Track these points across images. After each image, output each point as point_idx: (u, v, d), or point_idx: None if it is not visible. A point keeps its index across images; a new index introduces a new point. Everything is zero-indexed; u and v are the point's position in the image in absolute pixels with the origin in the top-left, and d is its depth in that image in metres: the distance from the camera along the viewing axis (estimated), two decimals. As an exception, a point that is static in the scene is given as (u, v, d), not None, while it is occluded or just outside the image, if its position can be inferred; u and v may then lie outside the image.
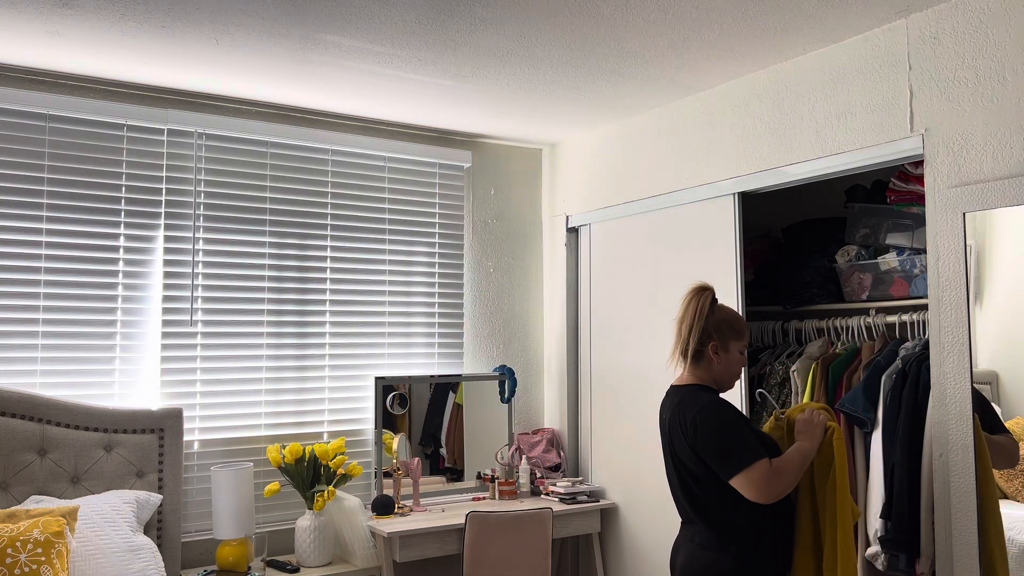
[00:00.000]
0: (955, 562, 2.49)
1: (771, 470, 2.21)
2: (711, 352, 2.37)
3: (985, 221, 2.50)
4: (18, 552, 2.55)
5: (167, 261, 3.52)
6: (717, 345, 2.37)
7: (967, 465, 2.47)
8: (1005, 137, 2.46)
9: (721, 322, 2.39)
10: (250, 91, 3.54)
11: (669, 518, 3.69)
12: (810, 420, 2.35)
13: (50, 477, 3.06)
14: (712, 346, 2.37)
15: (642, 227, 3.92)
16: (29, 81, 3.29)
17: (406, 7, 2.67)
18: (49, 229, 3.30)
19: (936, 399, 2.58)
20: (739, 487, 2.22)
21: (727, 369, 2.40)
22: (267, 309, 3.73)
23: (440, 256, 4.23)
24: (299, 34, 2.89)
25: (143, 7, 2.66)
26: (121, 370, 3.42)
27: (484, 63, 3.19)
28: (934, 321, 2.60)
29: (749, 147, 3.32)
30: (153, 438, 3.29)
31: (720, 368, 2.39)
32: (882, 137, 2.82)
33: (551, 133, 4.28)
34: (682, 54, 3.09)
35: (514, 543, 3.47)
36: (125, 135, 3.46)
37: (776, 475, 2.21)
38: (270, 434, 3.70)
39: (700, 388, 2.39)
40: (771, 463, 2.22)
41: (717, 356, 2.38)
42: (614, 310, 4.09)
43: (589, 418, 4.23)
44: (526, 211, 4.54)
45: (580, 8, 2.68)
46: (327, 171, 3.92)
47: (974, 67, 2.55)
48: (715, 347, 2.37)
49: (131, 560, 2.87)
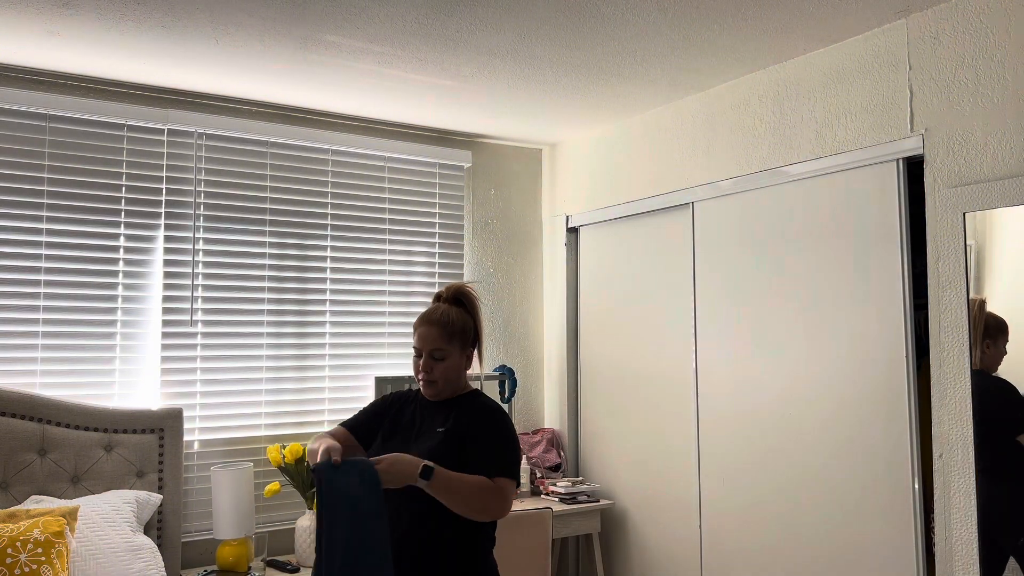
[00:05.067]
0: (955, 562, 2.49)
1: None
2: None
3: (985, 221, 2.50)
4: (18, 552, 2.55)
5: (167, 261, 3.52)
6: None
7: (967, 465, 2.47)
8: (1005, 137, 2.46)
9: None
10: (250, 91, 3.54)
11: (669, 518, 3.70)
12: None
13: (50, 477, 3.06)
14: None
15: (642, 227, 3.92)
16: (29, 81, 3.29)
17: (406, 7, 2.67)
18: (49, 229, 3.30)
19: (936, 399, 2.59)
20: None
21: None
22: (267, 309, 3.74)
23: (440, 256, 4.23)
24: (299, 34, 2.89)
25: (143, 7, 2.66)
26: (121, 370, 3.42)
27: (484, 63, 3.19)
28: (934, 321, 2.60)
29: (749, 147, 3.33)
30: (153, 438, 3.29)
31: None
32: (882, 137, 2.82)
33: (551, 133, 4.28)
34: (682, 54, 3.10)
35: (514, 543, 3.47)
36: (125, 135, 3.46)
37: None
38: (270, 434, 3.70)
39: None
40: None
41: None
42: (614, 310, 4.09)
43: (589, 418, 4.23)
44: (526, 211, 4.54)
45: (580, 8, 2.68)
46: (327, 171, 3.92)
47: (974, 67, 2.56)
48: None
49: (131, 560, 2.87)
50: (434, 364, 2.18)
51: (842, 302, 2.96)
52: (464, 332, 2.22)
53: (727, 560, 3.37)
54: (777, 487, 3.16)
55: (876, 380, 2.83)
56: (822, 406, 3.01)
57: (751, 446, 3.28)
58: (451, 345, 2.19)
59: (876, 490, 2.80)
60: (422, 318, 2.22)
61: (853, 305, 2.92)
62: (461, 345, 2.22)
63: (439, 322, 2.19)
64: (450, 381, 2.21)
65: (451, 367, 2.19)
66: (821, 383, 3.02)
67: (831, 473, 2.96)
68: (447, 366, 2.19)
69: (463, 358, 2.23)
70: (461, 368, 2.22)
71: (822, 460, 3.00)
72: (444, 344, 2.18)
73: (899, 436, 2.75)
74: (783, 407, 3.16)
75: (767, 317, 3.24)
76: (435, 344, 2.18)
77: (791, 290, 3.15)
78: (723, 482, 3.40)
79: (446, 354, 2.19)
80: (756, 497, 3.25)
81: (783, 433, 3.15)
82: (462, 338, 2.22)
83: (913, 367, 2.74)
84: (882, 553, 2.77)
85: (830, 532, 2.95)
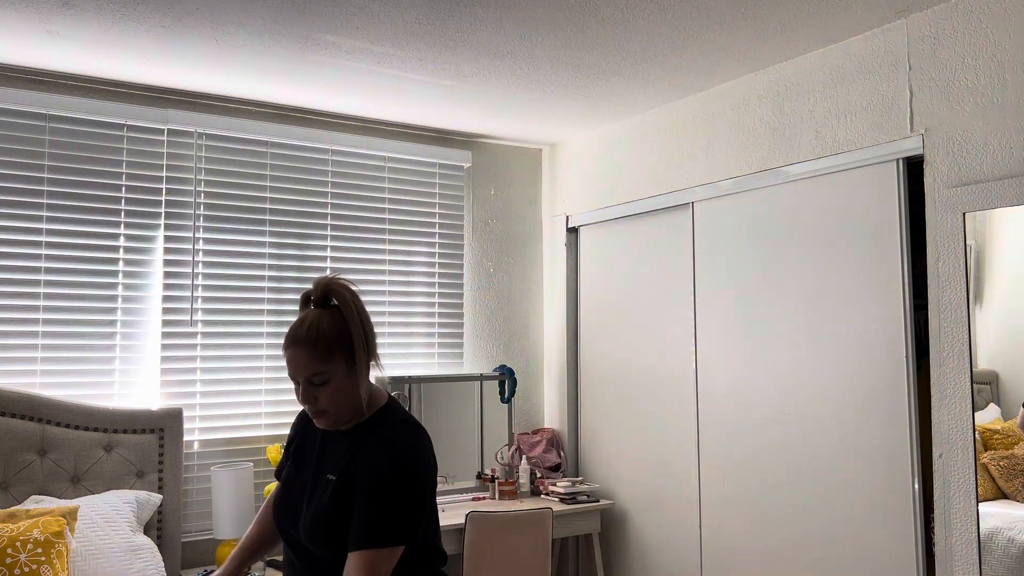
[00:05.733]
0: (955, 562, 2.49)
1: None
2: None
3: (985, 221, 2.50)
4: (18, 552, 2.54)
5: (167, 261, 3.52)
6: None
7: (967, 465, 2.47)
8: (1005, 137, 2.46)
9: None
10: (250, 91, 3.54)
11: (669, 518, 3.70)
12: None
13: (50, 477, 3.06)
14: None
15: (642, 227, 3.92)
16: (29, 81, 3.29)
17: (406, 7, 2.67)
18: (49, 229, 3.30)
19: (936, 399, 2.59)
20: None
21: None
22: (267, 309, 3.74)
23: (440, 256, 4.23)
24: (299, 34, 2.89)
25: (143, 7, 2.66)
26: (121, 370, 3.42)
27: (484, 63, 3.19)
28: (934, 321, 2.60)
29: (749, 147, 3.33)
30: (153, 438, 3.29)
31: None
32: (882, 137, 2.82)
33: (551, 133, 4.28)
34: (682, 54, 3.10)
35: (514, 543, 3.47)
36: (125, 135, 3.46)
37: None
38: (270, 434, 3.70)
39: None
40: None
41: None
42: (614, 310, 4.09)
43: (589, 418, 4.23)
44: (526, 211, 4.54)
45: (580, 8, 2.68)
46: (327, 171, 3.92)
47: (974, 67, 2.56)
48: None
49: (131, 560, 2.87)
50: (317, 391, 1.71)
51: (842, 302, 2.96)
52: (343, 343, 1.71)
53: (727, 560, 3.37)
54: (777, 487, 3.16)
55: (876, 380, 2.83)
56: (822, 406, 3.01)
57: (751, 446, 3.28)
58: (331, 364, 1.70)
59: (876, 490, 2.80)
60: (287, 337, 1.72)
61: (853, 305, 2.92)
62: (346, 360, 1.71)
63: (307, 340, 1.69)
64: (346, 406, 1.74)
65: (339, 390, 1.71)
66: (821, 383, 3.02)
67: (831, 473, 2.96)
68: (333, 390, 1.71)
69: (352, 375, 1.73)
70: (354, 386, 1.73)
71: (822, 460, 3.00)
72: (321, 366, 1.69)
73: (899, 436, 2.75)
74: (783, 407, 3.16)
75: (767, 317, 3.24)
76: (310, 369, 1.69)
77: (791, 290, 3.15)
78: (723, 482, 3.40)
79: (328, 376, 1.70)
80: (756, 497, 3.25)
81: (783, 433, 3.15)
82: (343, 351, 1.71)
83: (913, 367, 2.74)
84: (882, 553, 2.77)
85: (830, 532, 2.95)
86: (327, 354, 1.69)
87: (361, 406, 1.77)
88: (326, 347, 1.69)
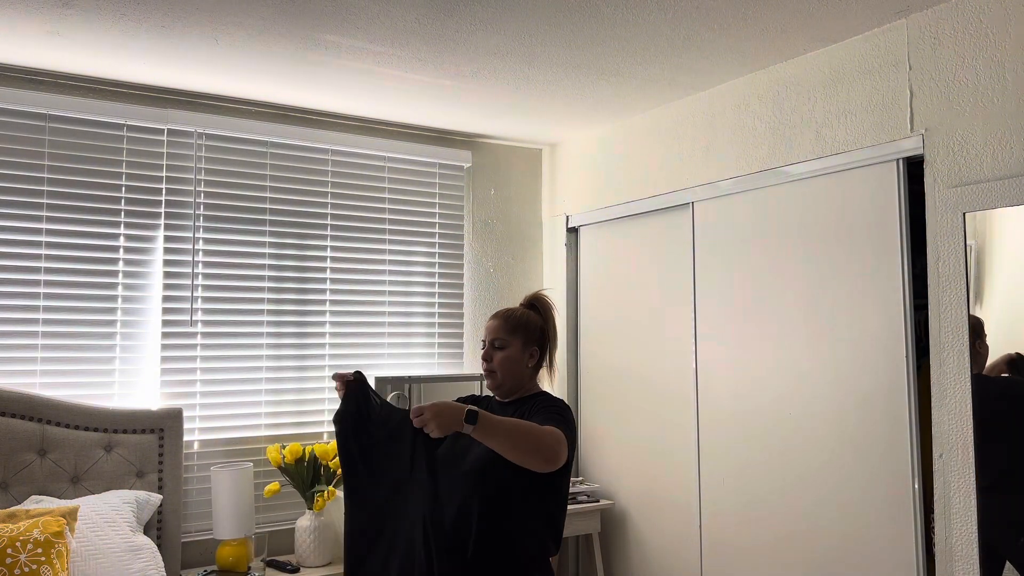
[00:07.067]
0: (955, 562, 2.49)
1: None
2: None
3: (985, 221, 2.50)
4: (18, 552, 2.54)
5: (167, 261, 3.52)
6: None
7: (967, 465, 2.47)
8: (1005, 137, 2.46)
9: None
10: (250, 91, 3.54)
11: (669, 518, 3.70)
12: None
13: (50, 477, 3.06)
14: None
15: (642, 227, 3.92)
16: (29, 81, 3.29)
17: (406, 7, 2.67)
18: (49, 229, 3.30)
19: (936, 399, 2.59)
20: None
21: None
22: (267, 309, 3.74)
23: (440, 256, 4.24)
24: (299, 34, 2.89)
25: (143, 7, 2.66)
26: (121, 370, 3.42)
27: (484, 63, 3.19)
28: (934, 321, 2.60)
29: (749, 147, 3.33)
30: (153, 438, 3.29)
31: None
32: (882, 137, 2.82)
33: (551, 133, 4.28)
34: (682, 54, 3.10)
35: (514, 543, 3.46)
36: (125, 135, 3.46)
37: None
38: (270, 434, 3.70)
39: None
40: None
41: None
42: (614, 310, 4.09)
43: (589, 418, 4.23)
44: (526, 211, 4.54)
45: (580, 8, 2.68)
46: (327, 171, 3.92)
47: (974, 67, 2.56)
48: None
49: (131, 560, 2.87)
50: (494, 353, 2.29)
51: (842, 302, 2.96)
52: (527, 327, 2.32)
53: (727, 560, 3.37)
54: (777, 487, 3.16)
55: (876, 380, 2.83)
56: (822, 406, 3.01)
57: (751, 446, 3.28)
58: (512, 336, 2.29)
59: (876, 490, 2.80)
60: (495, 313, 2.40)
61: (853, 305, 2.92)
62: (524, 339, 2.30)
63: (503, 315, 2.34)
64: (510, 373, 2.28)
65: (510, 357, 2.28)
66: (821, 383, 3.02)
67: (831, 473, 2.96)
68: (506, 355, 2.28)
69: (525, 354, 2.30)
70: (521, 362, 2.29)
71: (822, 460, 2.99)
72: (505, 335, 2.29)
73: (899, 436, 2.75)
74: (783, 407, 3.16)
75: (767, 317, 3.24)
76: (496, 334, 2.30)
77: (791, 290, 3.15)
78: (723, 482, 3.40)
79: (506, 344, 2.28)
80: (756, 497, 3.25)
81: (783, 433, 3.15)
82: (525, 333, 2.31)
83: (913, 367, 2.74)
84: (882, 553, 2.77)
85: (830, 532, 2.95)
86: (512, 329, 2.31)
87: (521, 381, 2.31)
88: (513, 325, 2.31)
